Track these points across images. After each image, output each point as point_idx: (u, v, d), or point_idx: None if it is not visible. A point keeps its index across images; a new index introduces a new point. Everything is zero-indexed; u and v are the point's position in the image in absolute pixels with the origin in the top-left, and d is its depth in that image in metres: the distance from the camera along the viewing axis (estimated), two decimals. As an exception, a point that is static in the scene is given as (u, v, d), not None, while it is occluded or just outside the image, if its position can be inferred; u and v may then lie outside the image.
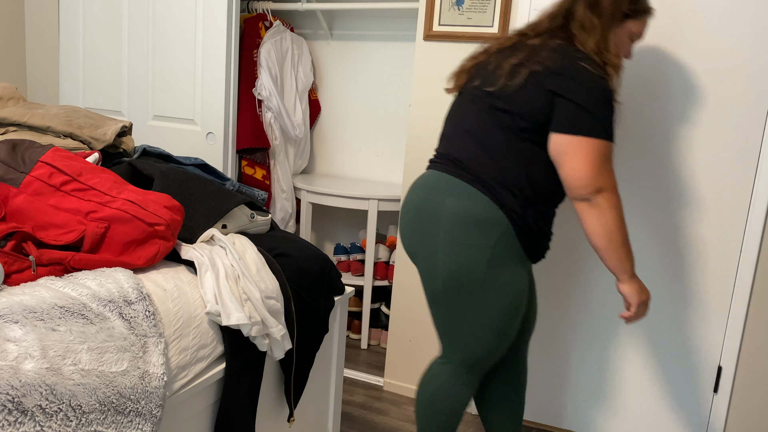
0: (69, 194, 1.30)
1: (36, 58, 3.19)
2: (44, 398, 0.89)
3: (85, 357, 0.99)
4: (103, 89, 3.02)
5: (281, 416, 1.63)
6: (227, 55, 2.72)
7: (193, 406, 1.28)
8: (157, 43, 2.84)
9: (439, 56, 2.41)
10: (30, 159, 1.35)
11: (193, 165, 1.78)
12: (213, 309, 1.29)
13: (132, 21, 2.89)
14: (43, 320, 1.00)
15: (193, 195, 1.54)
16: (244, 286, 1.37)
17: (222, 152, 2.80)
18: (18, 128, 1.75)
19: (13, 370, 0.89)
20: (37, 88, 3.22)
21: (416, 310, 2.62)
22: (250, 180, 3.06)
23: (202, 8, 2.72)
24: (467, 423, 2.49)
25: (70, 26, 3.05)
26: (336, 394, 1.92)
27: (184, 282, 1.31)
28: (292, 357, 1.55)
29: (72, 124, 1.75)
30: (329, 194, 2.95)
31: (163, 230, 1.30)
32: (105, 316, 1.09)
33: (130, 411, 1.01)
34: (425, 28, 2.40)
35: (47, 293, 1.07)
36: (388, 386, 2.70)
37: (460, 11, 2.33)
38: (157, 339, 1.14)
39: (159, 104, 2.89)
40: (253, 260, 1.46)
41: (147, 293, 1.19)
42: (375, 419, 2.46)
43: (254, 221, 1.64)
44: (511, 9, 2.28)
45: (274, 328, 1.39)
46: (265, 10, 3.06)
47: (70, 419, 0.91)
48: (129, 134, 1.88)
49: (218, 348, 1.32)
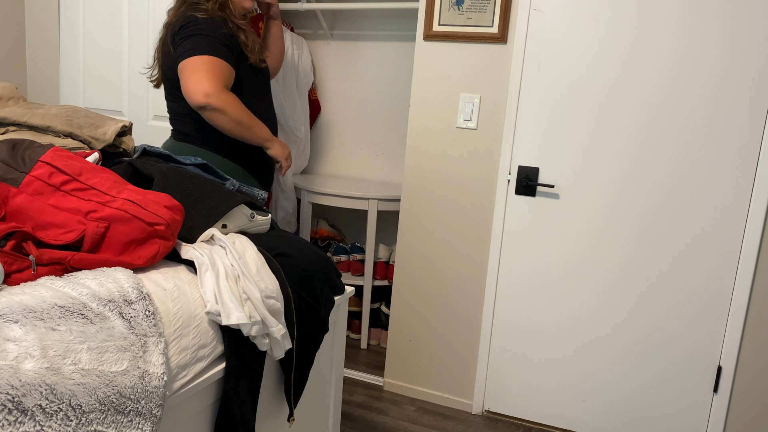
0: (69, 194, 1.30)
1: (36, 58, 3.19)
2: (44, 398, 0.89)
3: (85, 357, 0.99)
4: (103, 89, 3.02)
5: (281, 416, 1.63)
6: (227, 55, 2.71)
7: (193, 405, 1.28)
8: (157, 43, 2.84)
9: (439, 56, 2.41)
10: (30, 159, 1.35)
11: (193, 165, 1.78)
12: (213, 309, 1.28)
13: (132, 21, 2.89)
14: (43, 320, 1.00)
15: (193, 195, 1.54)
16: (244, 285, 1.37)
17: (222, 152, 2.79)
18: (18, 128, 1.75)
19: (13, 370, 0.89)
20: (37, 88, 3.22)
21: (416, 310, 2.62)
22: (250, 180, 3.05)
23: (202, 8, 2.71)
24: (467, 423, 2.49)
25: (70, 26, 3.05)
26: (336, 394, 1.92)
27: (184, 282, 1.31)
28: (292, 357, 1.55)
29: (72, 124, 1.75)
30: (329, 194, 2.95)
31: (163, 230, 1.30)
32: (105, 315, 1.09)
33: (130, 410, 1.01)
34: (425, 28, 2.40)
35: (47, 293, 1.07)
36: (388, 386, 2.70)
37: (460, 11, 2.33)
38: (157, 339, 1.14)
39: (159, 104, 2.89)
40: (253, 260, 1.46)
41: (147, 293, 1.19)
42: (375, 419, 2.46)
43: (254, 221, 1.64)
44: (511, 9, 2.28)
45: (274, 328, 1.39)
46: (265, 10, 3.05)
47: (70, 419, 0.91)
48: (129, 134, 1.88)
49: (218, 348, 1.32)
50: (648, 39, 2.13)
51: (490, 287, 2.47)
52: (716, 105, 2.08)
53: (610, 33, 2.17)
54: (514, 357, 2.47)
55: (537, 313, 2.41)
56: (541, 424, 2.48)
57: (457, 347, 2.57)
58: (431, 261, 2.56)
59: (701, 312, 2.19)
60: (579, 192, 2.29)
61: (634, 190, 2.22)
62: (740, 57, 2.04)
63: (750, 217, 2.09)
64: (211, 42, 1.91)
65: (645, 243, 2.23)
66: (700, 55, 2.08)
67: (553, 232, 2.34)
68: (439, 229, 2.53)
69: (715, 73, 2.07)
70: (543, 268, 2.38)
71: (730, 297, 2.15)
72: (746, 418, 2.19)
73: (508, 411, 2.52)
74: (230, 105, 1.89)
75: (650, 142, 2.18)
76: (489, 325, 2.48)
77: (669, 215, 2.19)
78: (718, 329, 2.18)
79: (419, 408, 2.59)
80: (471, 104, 2.39)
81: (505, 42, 2.31)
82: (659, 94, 2.14)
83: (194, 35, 1.92)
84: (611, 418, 2.36)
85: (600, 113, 2.22)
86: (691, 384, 2.23)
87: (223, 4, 2.01)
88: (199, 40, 1.91)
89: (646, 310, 2.26)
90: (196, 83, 1.85)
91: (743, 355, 2.16)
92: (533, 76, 2.29)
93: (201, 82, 1.84)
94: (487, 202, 2.44)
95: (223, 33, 1.95)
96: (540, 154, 2.32)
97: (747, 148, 2.07)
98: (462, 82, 2.40)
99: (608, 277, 2.29)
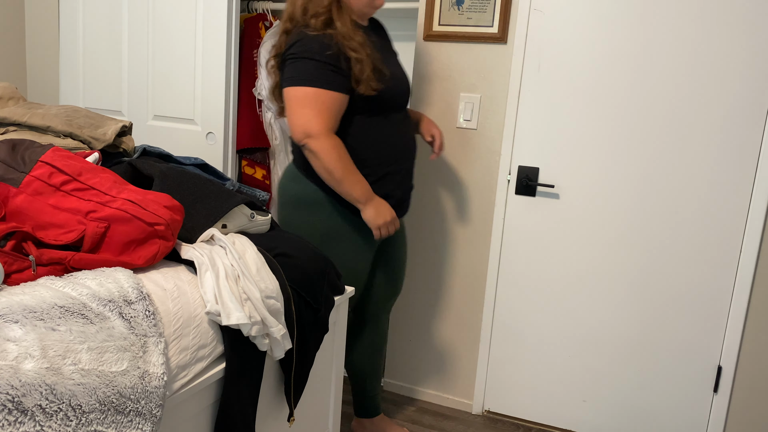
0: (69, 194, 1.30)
1: (36, 58, 3.19)
2: (44, 398, 0.89)
3: (85, 357, 0.99)
4: (103, 89, 3.02)
5: (281, 416, 1.63)
6: (227, 55, 2.72)
7: (193, 406, 1.28)
8: (157, 43, 2.84)
9: (439, 56, 2.41)
10: (30, 159, 1.35)
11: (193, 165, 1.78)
12: (213, 309, 1.28)
13: (132, 21, 2.89)
14: (43, 320, 1.00)
15: (193, 195, 1.54)
16: (244, 285, 1.37)
17: (222, 152, 2.79)
18: (18, 128, 1.75)
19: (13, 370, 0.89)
20: (37, 88, 3.22)
21: (416, 310, 2.62)
22: (250, 180, 3.06)
23: (202, 8, 2.72)
24: (467, 423, 2.49)
25: (70, 26, 3.05)
26: (336, 394, 1.92)
27: (184, 282, 1.31)
28: (292, 357, 1.55)
29: (72, 124, 1.75)
30: (329, 194, 2.95)
31: (163, 230, 1.30)
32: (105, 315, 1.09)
33: (130, 411, 1.01)
34: (425, 28, 2.40)
35: (47, 293, 1.07)
36: (388, 386, 2.70)
37: (460, 11, 2.33)
38: (157, 339, 1.14)
39: (159, 104, 2.89)
40: (253, 260, 1.46)
41: (147, 293, 1.19)
42: (375, 419, 2.45)
43: (254, 221, 1.64)
44: (511, 9, 2.28)
45: (274, 328, 1.39)
46: (265, 9, 3.06)
47: (70, 419, 0.91)
48: (129, 134, 1.88)
49: (218, 348, 1.32)
50: (648, 39, 2.13)
51: (490, 287, 2.47)
52: (716, 105, 2.08)
53: (610, 33, 2.17)
54: (514, 357, 2.47)
55: (537, 312, 2.41)
56: (541, 424, 2.48)
57: (457, 347, 2.57)
58: (431, 261, 2.56)
59: (701, 312, 2.19)
60: (579, 192, 2.29)
61: (635, 190, 2.22)
62: (740, 57, 2.04)
63: (750, 217, 2.08)
64: (319, 67, 1.71)
65: (645, 243, 2.23)
66: (701, 54, 2.08)
67: (553, 232, 2.34)
68: (439, 229, 2.53)
69: (715, 72, 2.07)
70: (543, 268, 2.38)
71: (730, 297, 2.15)
72: (746, 418, 2.18)
73: (508, 411, 2.52)
74: (326, 152, 1.73)
75: (650, 142, 2.18)
76: (489, 325, 2.48)
77: (669, 215, 2.19)
78: (718, 329, 2.18)
79: (419, 408, 2.59)
80: (471, 104, 2.39)
81: (505, 42, 2.31)
82: (659, 94, 2.14)
83: (300, 58, 1.73)
84: (611, 418, 2.36)
85: (600, 113, 2.22)
86: (691, 384, 2.23)
87: (328, 20, 1.78)
88: (304, 66, 1.72)
89: (646, 309, 2.26)
90: (298, 119, 1.72)
91: (743, 355, 2.16)
92: (533, 76, 2.29)
93: (302, 120, 1.71)
94: (487, 202, 2.44)
95: (331, 54, 1.73)
96: (540, 154, 2.32)
97: (747, 148, 2.07)
98: (462, 82, 2.40)
99: (608, 277, 2.29)
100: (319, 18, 1.76)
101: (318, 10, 1.78)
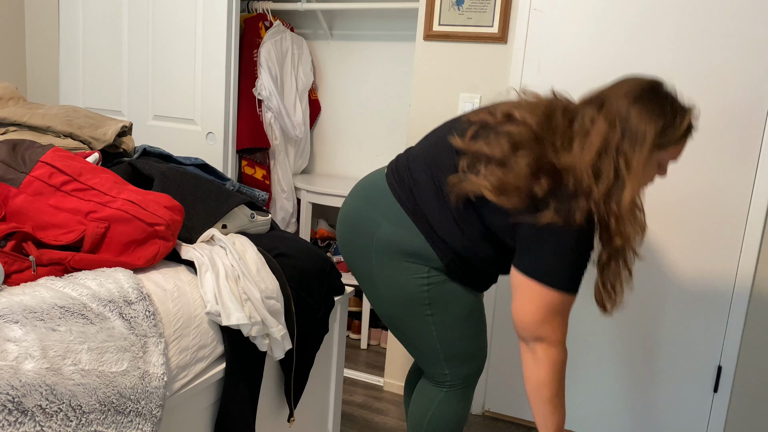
0: (69, 194, 1.30)
1: (36, 58, 3.19)
2: (44, 398, 0.89)
3: (85, 357, 0.99)
4: (103, 89, 3.02)
5: (281, 416, 1.63)
6: (227, 55, 2.72)
7: (193, 406, 1.28)
8: (157, 43, 2.84)
9: (439, 56, 2.41)
10: (30, 159, 1.35)
11: (193, 165, 1.78)
12: (213, 309, 1.29)
13: (132, 21, 2.89)
14: (43, 320, 1.00)
15: (193, 195, 1.54)
16: (244, 286, 1.37)
17: (222, 152, 2.80)
18: (18, 128, 1.75)
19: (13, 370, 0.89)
20: (37, 88, 3.22)
21: (416, 310, 2.61)
22: (250, 180, 3.06)
23: (202, 8, 2.72)
24: (467, 423, 2.49)
25: (70, 26, 3.05)
26: (336, 394, 1.92)
27: (184, 282, 1.31)
28: (292, 357, 1.55)
29: (72, 124, 1.75)
30: (329, 194, 2.95)
31: (163, 230, 1.30)
32: (105, 316, 1.09)
33: (130, 411, 1.01)
34: (425, 28, 2.40)
35: (47, 293, 1.07)
36: (388, 386, 2.70)
37: (460, 11, 2.33)
38: (157, 339, 1.14)
39: (159, 104, 2.89)
40: (253, 260, 1.46)
41: (147, 293, 1.19)
42: (375, 419, 2.46)
43: (254, 221, 1.64)
44: (511, 9, 2.28)
45: (274, 328, 1.39)
46: (265, 10, 3.06)
47: (70, 419, 0.91)
48: (129, 134, 1.88)
49: (218, 348, 1.32)
50: (648, 38, 2.13)
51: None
52: (716, 105, 2.08)
53: (610, 33, 2.17)
54: (514, 357, 2.47)
55: (537, 313, 2.41)
56: (541, 424, 2.48)
57: (457, 347, 2.57)
58: (431, 261, 2.56)
59: (701, 312, 2.19)
60: (579, 192, 2.29)
61: (634, 190, 2.22)
62: (740, 57, 2.04)
63: (750, 216, 2.08)
64: (579, 266, 1.36)
65: (645, 243, 2.23)
66: (700, 55, 2.08)
67: (553, 232, 2.34)
68: (439, 229, 2.52)
69: (715, 72, 2.07)
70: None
71: (730, 297, 2.15)
72: (746, 418, 2.19)
73: (508, 411, 2.52)
74: (554, 364, 1.40)
75: (650, 142, 2.18)
76: (489, 325, 2.48)
77: (669, 215, 2.19)
78: (718, 329, 2.18)
79: (419, 408, 2.59)
80: (471, 104, 2.39)
81: (505, 42, 2.31)
82: (659, 94, 2.14)
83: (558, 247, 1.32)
84: (611, 418, 2.36)
85: (600, 113, 2.22)
86: (691, 384, 2.23)
87: (608, 194, 1.30)
88: (561, 260, 1.33)
89: (646, 309, 2.26)
90: (533, 317, 1.37)
91: (743, 355, 2.16)
92: (533, 76, 2.29)
93: (538, 320, 1.37)
94: (487, 202, 2.43)
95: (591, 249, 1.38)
96: (540, 154, 2.32)
97: (747, 148, 2.07)
98: (462, 82, 2.40)
99: (608, 277, 2.29)
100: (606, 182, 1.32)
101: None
